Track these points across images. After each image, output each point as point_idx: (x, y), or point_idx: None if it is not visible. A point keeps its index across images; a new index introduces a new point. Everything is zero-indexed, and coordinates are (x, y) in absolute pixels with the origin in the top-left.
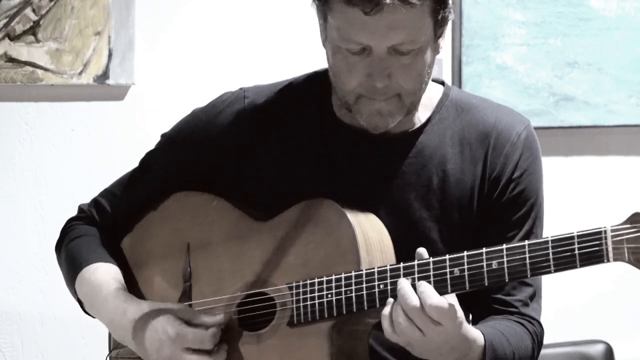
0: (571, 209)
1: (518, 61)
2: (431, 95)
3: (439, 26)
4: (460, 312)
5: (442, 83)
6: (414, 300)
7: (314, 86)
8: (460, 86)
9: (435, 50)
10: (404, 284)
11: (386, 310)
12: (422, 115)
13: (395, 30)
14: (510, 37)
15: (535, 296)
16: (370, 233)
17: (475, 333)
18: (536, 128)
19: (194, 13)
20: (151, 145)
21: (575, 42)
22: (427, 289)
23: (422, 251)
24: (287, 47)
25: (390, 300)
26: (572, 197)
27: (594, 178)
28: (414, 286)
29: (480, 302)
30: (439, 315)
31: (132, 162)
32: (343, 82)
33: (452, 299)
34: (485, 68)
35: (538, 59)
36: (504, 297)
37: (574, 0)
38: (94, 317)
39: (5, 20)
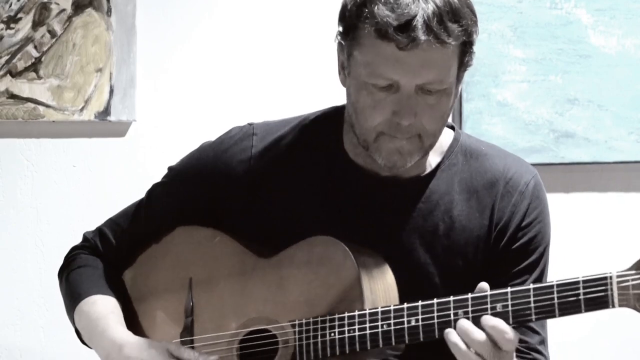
0: (571, 246)
1: (518, 98)
2: (442, 140)
3: (462, 70)
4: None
5: (452, 128)
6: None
7: (325, 124)
8: (460, 123)
9: (456, 95)
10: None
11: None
12: (432, 160)
13: (427, 68)
14: (511, 74)
15: (543, 343)
16: (375, 272)
17: None
18: (536, 164)
19: (196, 50)
20: (152, 182)
21: (576, 79)
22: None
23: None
24: (290, 82)
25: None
26: (572, 233)
27: (594, 214)
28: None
29: None
30: (505, 341)
31: (133, 199)
32: (366, 119)
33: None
34: (485, 105)
35: (538, 95)
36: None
37: (574, 38)
38: (91, 348)
39: (7, 57)
